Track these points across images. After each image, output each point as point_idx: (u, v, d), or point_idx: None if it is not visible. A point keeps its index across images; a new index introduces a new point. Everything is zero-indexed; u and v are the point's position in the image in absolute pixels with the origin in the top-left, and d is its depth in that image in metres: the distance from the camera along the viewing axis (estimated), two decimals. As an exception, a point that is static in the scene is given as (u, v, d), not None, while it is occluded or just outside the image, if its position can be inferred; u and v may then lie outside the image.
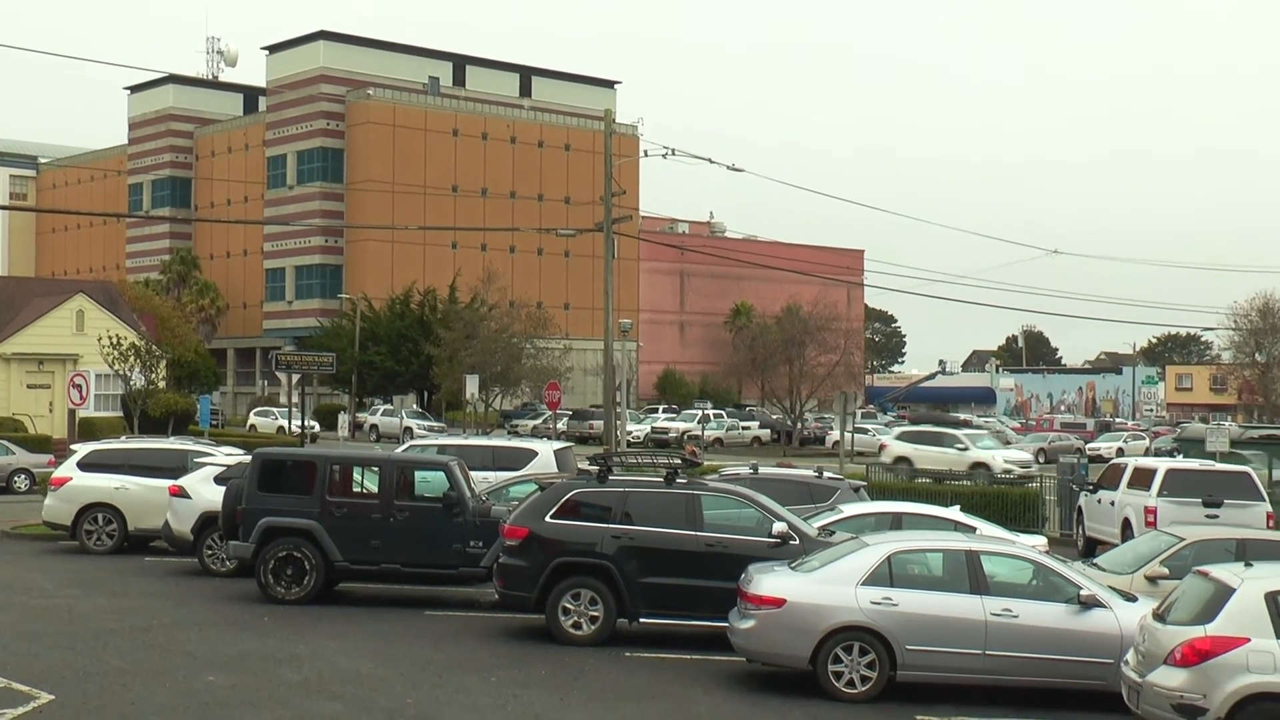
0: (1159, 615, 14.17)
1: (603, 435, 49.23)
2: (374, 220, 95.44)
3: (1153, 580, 18.52)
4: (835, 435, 64.04)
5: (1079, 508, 32.17)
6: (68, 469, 28.06)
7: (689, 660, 17.64)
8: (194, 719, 13.81)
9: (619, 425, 50.10)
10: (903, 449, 51.45)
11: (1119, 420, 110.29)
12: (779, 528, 18.27)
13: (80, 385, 44.08)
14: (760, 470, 25.47)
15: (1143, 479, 28.81)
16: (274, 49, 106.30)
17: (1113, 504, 29.53)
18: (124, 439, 32.06)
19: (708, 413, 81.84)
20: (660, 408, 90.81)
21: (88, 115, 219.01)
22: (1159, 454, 51.75)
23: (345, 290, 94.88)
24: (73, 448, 30.03)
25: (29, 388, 56.96)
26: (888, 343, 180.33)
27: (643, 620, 18.51)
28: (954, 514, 21.95)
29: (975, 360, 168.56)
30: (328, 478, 21.47)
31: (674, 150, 45.90)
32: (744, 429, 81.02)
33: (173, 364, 64.47)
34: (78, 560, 25.99)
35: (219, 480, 24.24)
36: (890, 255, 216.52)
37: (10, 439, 44.08)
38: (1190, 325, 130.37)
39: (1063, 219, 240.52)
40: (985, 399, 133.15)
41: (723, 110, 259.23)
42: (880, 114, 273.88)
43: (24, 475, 41.12)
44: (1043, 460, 65.45)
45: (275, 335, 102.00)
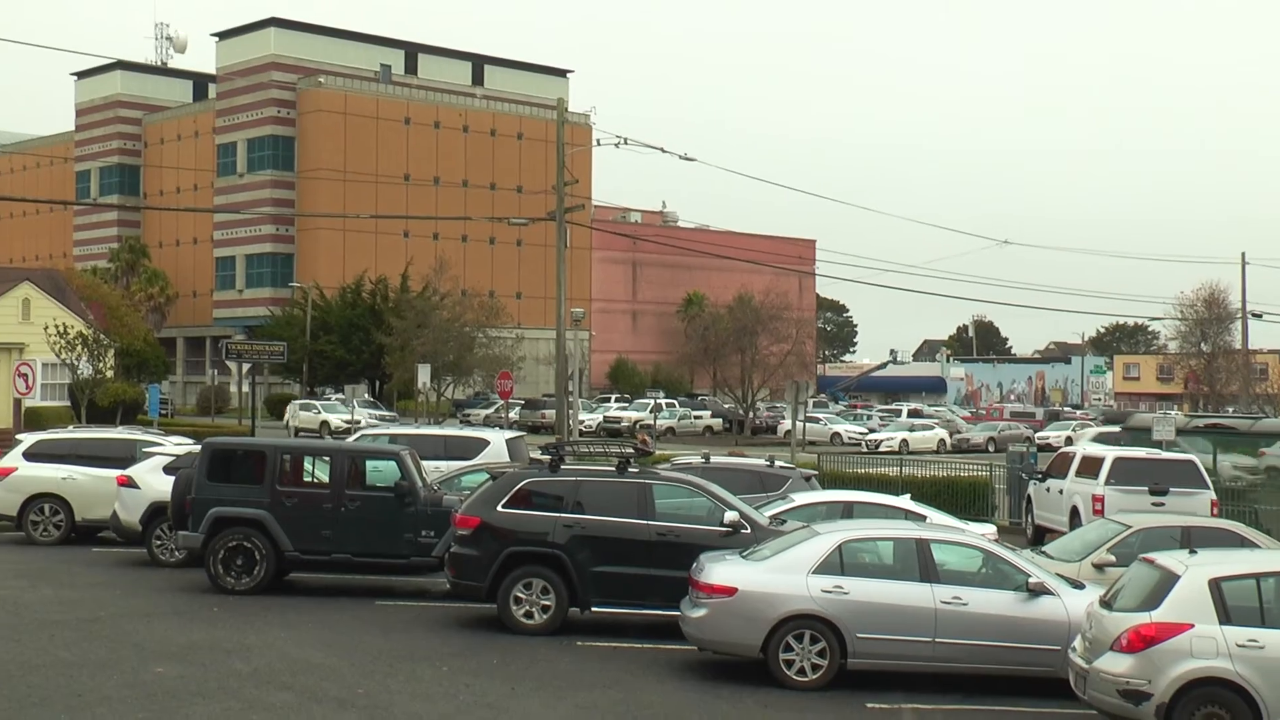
0: (1106, 602, 14.31)
1: (555, 424, 49.19)
2: (325, 209, 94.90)
3: (1100, 568, 18.71)
4: (787, 424, 64.26)
5: (1028, 496, 32.44)
6: (13, 459, 27.72)
7: (641, 649, 17.68)
8: (142, 710, 13.70)
9: (571, 414, 50.05)
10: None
11: (1068, 410, 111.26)
12: (730, 517, 18.33)
13: (26, 374, 43.54)
14: (712, 459, 25.52)
15: (1090, 467, 29.08)
16: (224, 35, 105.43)
17: (1061, 492, 29.79)
18: (71, 429, 31.77)
19: (660, 402, 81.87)
20: (612, 397, 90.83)
21: (34, 101, 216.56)
22: (1107, 443, 52.26)
23: (296, 279, 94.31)
24: (18, 437, 29.69)
25: (-26, 377, 56.28)
26: (839, 332, 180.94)
27: (595, 609, 18.53)
28: (904, 502, 22.10)
29: (926, 350, 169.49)
30: (278, 467, 21.36)
31: (626, 139, 45.93)
32: (696, 418, 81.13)
33: (121, 353, 63.83)
34: (24, 551, 25.71)
35: (168, 470, 24.06)
36: (842, 245, 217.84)
37: (-45, 429, 43.56)
38: (1138, 315, 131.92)
39: (1013, 210, 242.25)
40: (936, 388, 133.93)
41: (676, 100, 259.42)
42: (834, 103, 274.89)
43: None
44: (992, 449, 65.94)
45: (225, 324, 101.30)
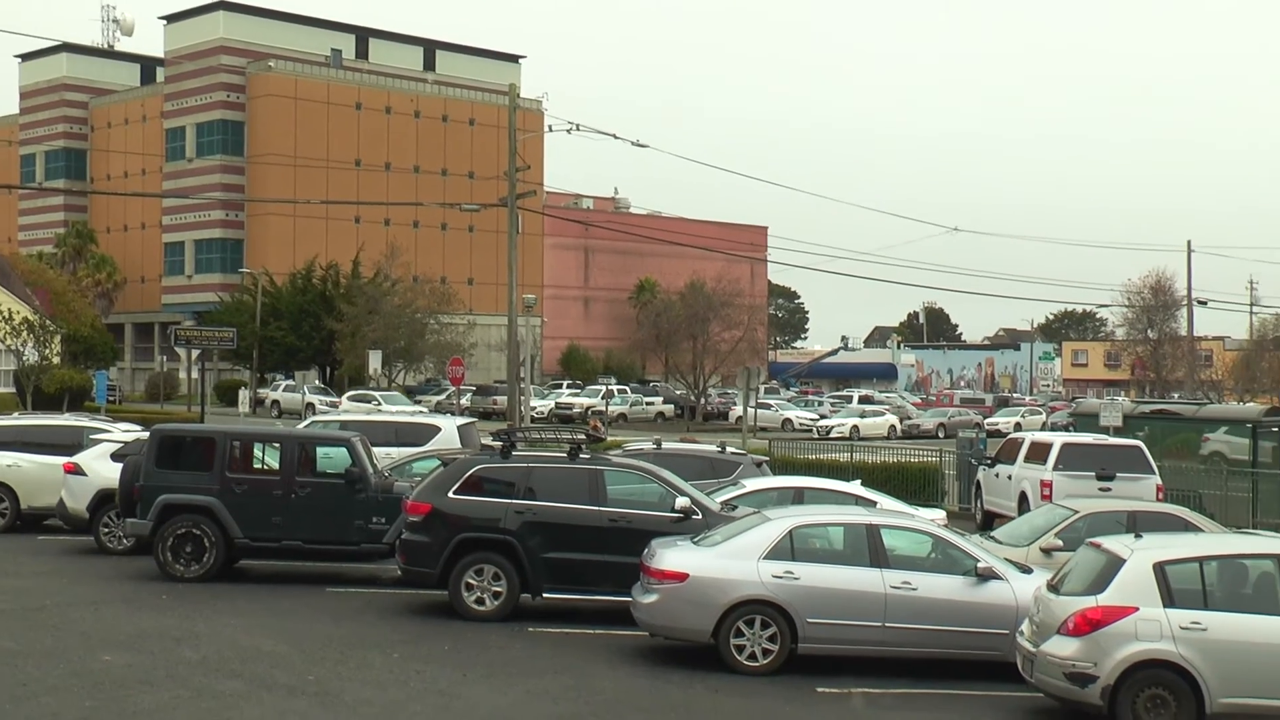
0: (1053, 586, 14.46)
1: (506, 411, 49.14)
2: (275, 194, 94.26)
3: (1047, 552, 18.89)
4: (739, 410, 64.45)
5: (977, 482, 32.67)
6: (-43, 446, 27.39)
7: (592, 635, 17.71)
8: (89, 699, 13.59)
9: (523, 401, 50.01)
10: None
11: (1017, 396, 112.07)
12: (682, 503, 18.37)
13: (-29, 361, 43.08)
14: (664, 445, 25.58)
15: (1039, 453, 29.32)
16: (172, 19, 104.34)
17: (1010, 478, 30.01)
18: (17, 415, 31.42)
19: (612, 388, 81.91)
20: (564, 383, 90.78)
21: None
22: (1055, 429, 52.77)
23: (246, 265, 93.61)
24: (-37, 424, 29.33)
25: (-83, 363, 55.70)
26: (791, 319, 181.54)
27: (546, 596, 18.53)
28: (855, 488, 22.21)
29: (877, 336, 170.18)
30: (228, 454, 21.24)
31: (578, 125, 45.93)
32: (648, 404, 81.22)
33: (68, 339, 63.29)
34: (-31, 539, 25.43)
35: (116, 457, 23.85)
36: (794, 232, 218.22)
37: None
38: (1086, 302, 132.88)
39: (964, 197, 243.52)
40: (887, 375, 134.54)
41: (629, 86, 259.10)
42: (787, 89, 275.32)
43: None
44: (942, 435, 66.40)
45: (174, 310, 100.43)
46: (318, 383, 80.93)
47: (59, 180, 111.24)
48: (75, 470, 24.48)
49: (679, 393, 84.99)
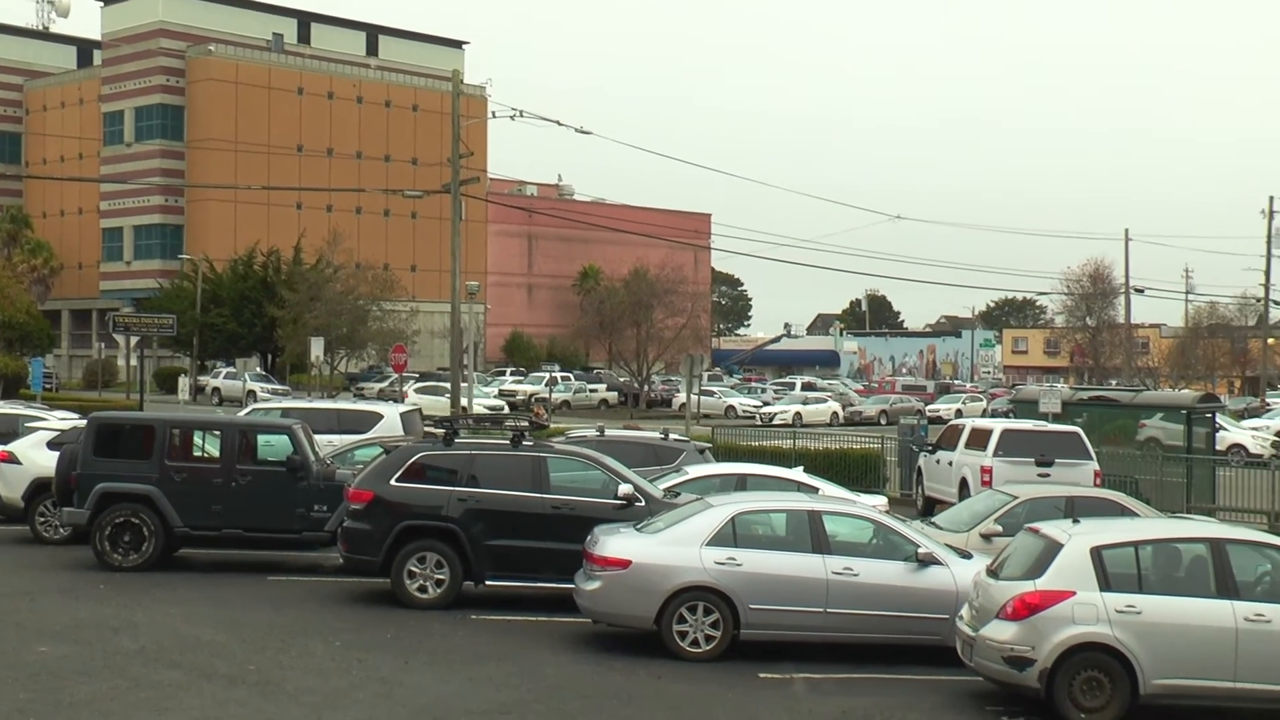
0: (992, 571, 14.60)
1: (450, 398, 48.95)
2: (216, 179, 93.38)
3: (987, 538, 19.04)
4: (682, 397, 64.53)
5: (918, 468, 32.90)
6: (-110, 434, 26.99)
7: (535, 622, 17.71)
8: (24, 691, 13.45)
9: (466, 388, 49.84)
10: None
11: (958, 382, 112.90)
12: (625, 489, 18.40)
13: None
14: (607, 432, 25.61)
15: (979, 439, 29.55)
16: (109, 0, 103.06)
17: (950, 464, 30.23)
18: (-49, 403, 30.95)
19: (555, 375, 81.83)
20: (508, 370, 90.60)
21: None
22: (996, 415, 53.24)
23: (186, 251, 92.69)
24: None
25: None
26: (734, 306, 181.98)
27: (489, 583, 18.52)
28: (797, 475, 22.31)
29: (820, 324, 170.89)
30: (167, 442, 21.07)
31: (522, 112, 45.67)
32: (591, 391, 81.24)
33: (3, 326, 62.47)
34: (-97, 529, 25.09)
35: (52, 445, 23.59)
36: (738, 219, 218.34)
37: None
38: (1026, 290, 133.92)
39: (906, 185, 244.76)
40: (829, 362, 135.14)
41: (573, 73, 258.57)
42: (731, 76, 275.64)
43: None
44: (884, 421, 66.84)
45: (113, 297, 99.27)
46: (259, 370, 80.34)
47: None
48: (10, 459, 24.17)
49: (622, 380, 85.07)
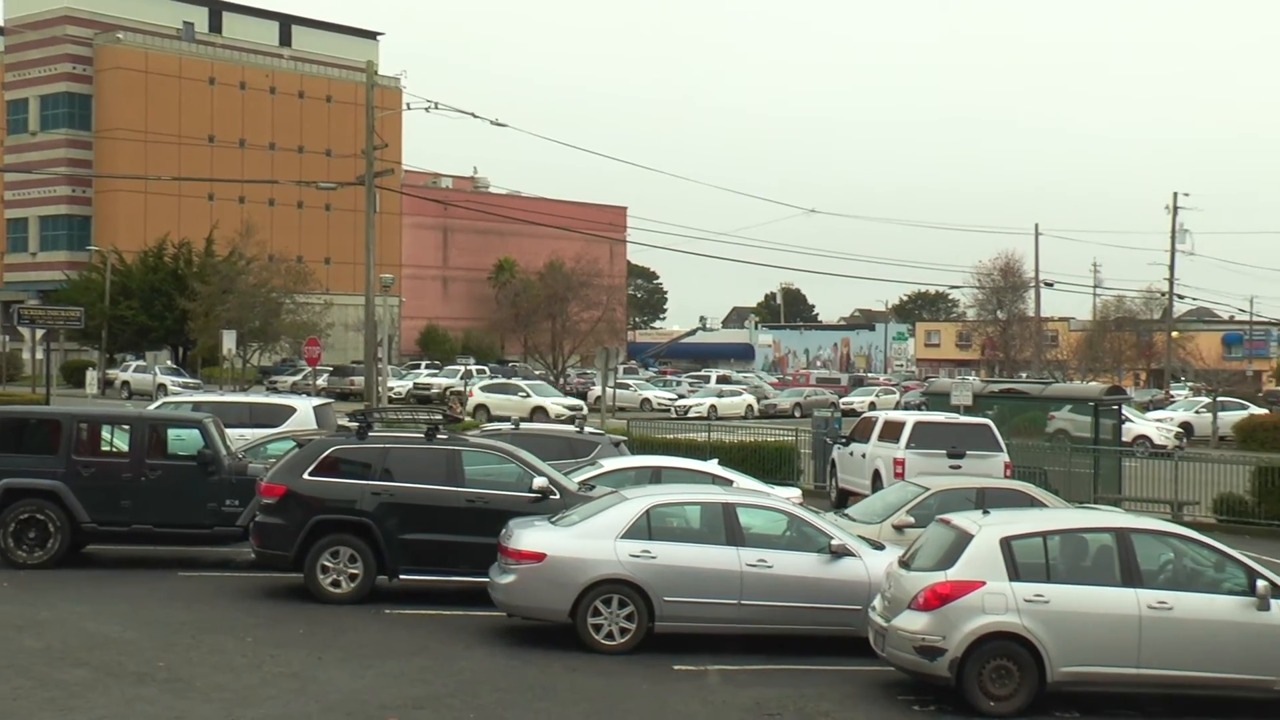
0: (904, 562, 14.75)
1: (364, 391, 48.64)
2: (125, 170, 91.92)
3: (899, 529, 19.22)
4: (597, 390, 64.58)
5: (832, 460, 33.11)
6: None
7: (450, 616, 17.65)
8: (-72, 689, 13.21)
9: (380, 381, 49.53)
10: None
11: (871, 375, 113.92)
12: (539, 483, 18.39)
13: None
14: (522, 425, 25.57)
15: (892, 432, 29.79)
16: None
17: (864, 456, 30.46)
18: None
19: (471, 368, 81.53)
20: (423, 363, 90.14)
21: None
22: (909, 408, 53.79)
23: (94, 242, 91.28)
24: None
25: None
26: (650, 299, 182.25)
27: (403, 577, 18.43)
28: (712, 467, 22.41)
29: (735, 317, 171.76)
30: (74, 436, 20.72)
31: (437, 104, 45.43)
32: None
33: (-96, 318, 61.12)
34: None
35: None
36: (654, 212, 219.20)
37: None
38: (939, 284, 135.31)
39: (820, 179, 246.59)
40: (744, 355, 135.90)
41: (488, 65, 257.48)
42: (648, 67, 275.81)
43: None
44: (799, 414, 67.30)
45: (17, 289, 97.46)
46: (170, 363, 79.28)
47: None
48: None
49: (538, 373, 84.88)
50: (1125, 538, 14.23)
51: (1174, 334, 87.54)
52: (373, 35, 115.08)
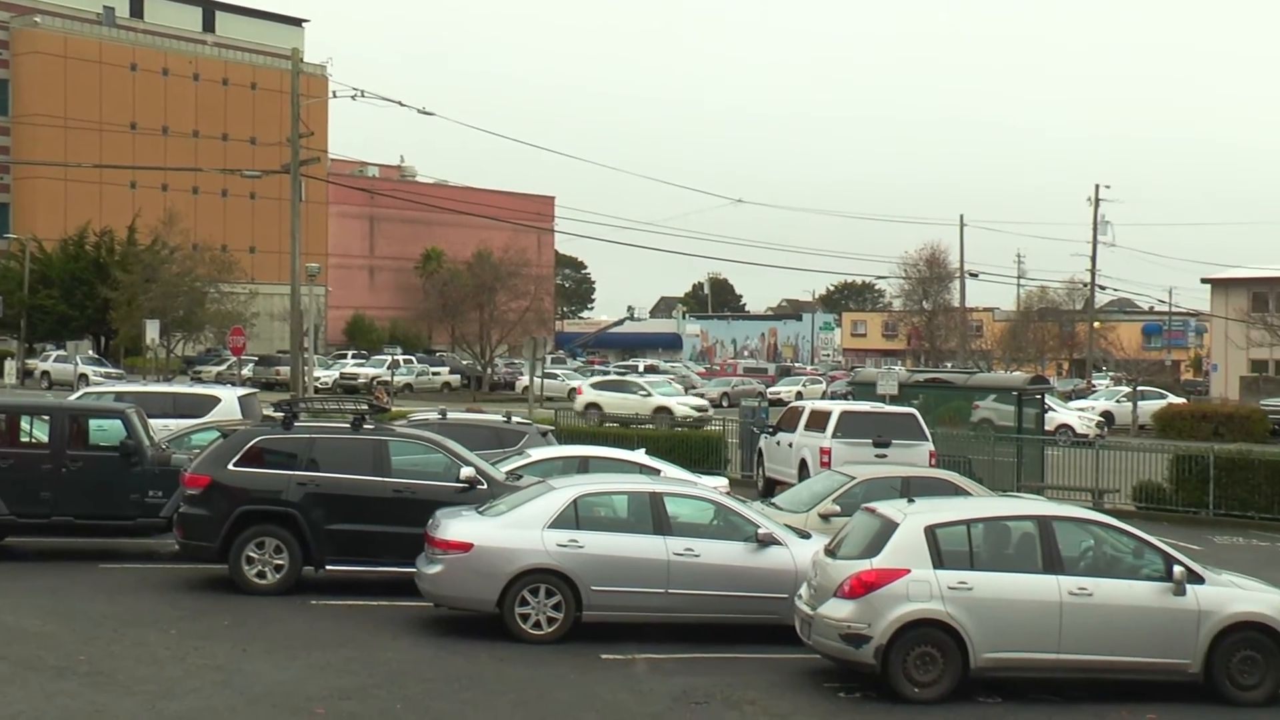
0: (830, 551, 14.87)
1: (289, 381, 48.26)
2: (44, 156, 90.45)
3: (826, 518, 19.35)
4: (525, 380, 64.46)
5: (759, 449, 33.30)
6: None
7: (376, 606, 17.57)
8: None
9: (306, 371, 49.15)
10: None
11: (798, 365, 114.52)
12: (467, 472, 18.35)
13: None
14: (449, 415, 25.47)
15: (819, 421, 30.01)
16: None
17: (791, 445, 30.66)
18: None
19: (397, 358, 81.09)
20: (349, 353, 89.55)
21: None
22: (835, 397, 54.17)
23: (13, 230, 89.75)
24: None
25: None
26: (578, 289, 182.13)
27: (329, 568, 18.32)
28: (639, 457, 22.42)
29: (663, 306, 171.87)
30: (-9, 428, 20.40)
31: (364, 92, 45.17)
32: (434, 374, 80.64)
33: None
34: None
35: None
36: (582, 202, 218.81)
37: None
38: (865, 274, 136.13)
39: (747, 169, 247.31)
40: (672, 344, 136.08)
41: (416, 53, 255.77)
42: (574, 56, 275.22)
43: None
44: (726, 404, 67.53)
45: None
46: (92, 353, 78.22)
47: None
48: None
49: (465, 363, 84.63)
50: (1047, 525, 14.43)
51: (1095, 324, 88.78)
52: (298, 22, 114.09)
